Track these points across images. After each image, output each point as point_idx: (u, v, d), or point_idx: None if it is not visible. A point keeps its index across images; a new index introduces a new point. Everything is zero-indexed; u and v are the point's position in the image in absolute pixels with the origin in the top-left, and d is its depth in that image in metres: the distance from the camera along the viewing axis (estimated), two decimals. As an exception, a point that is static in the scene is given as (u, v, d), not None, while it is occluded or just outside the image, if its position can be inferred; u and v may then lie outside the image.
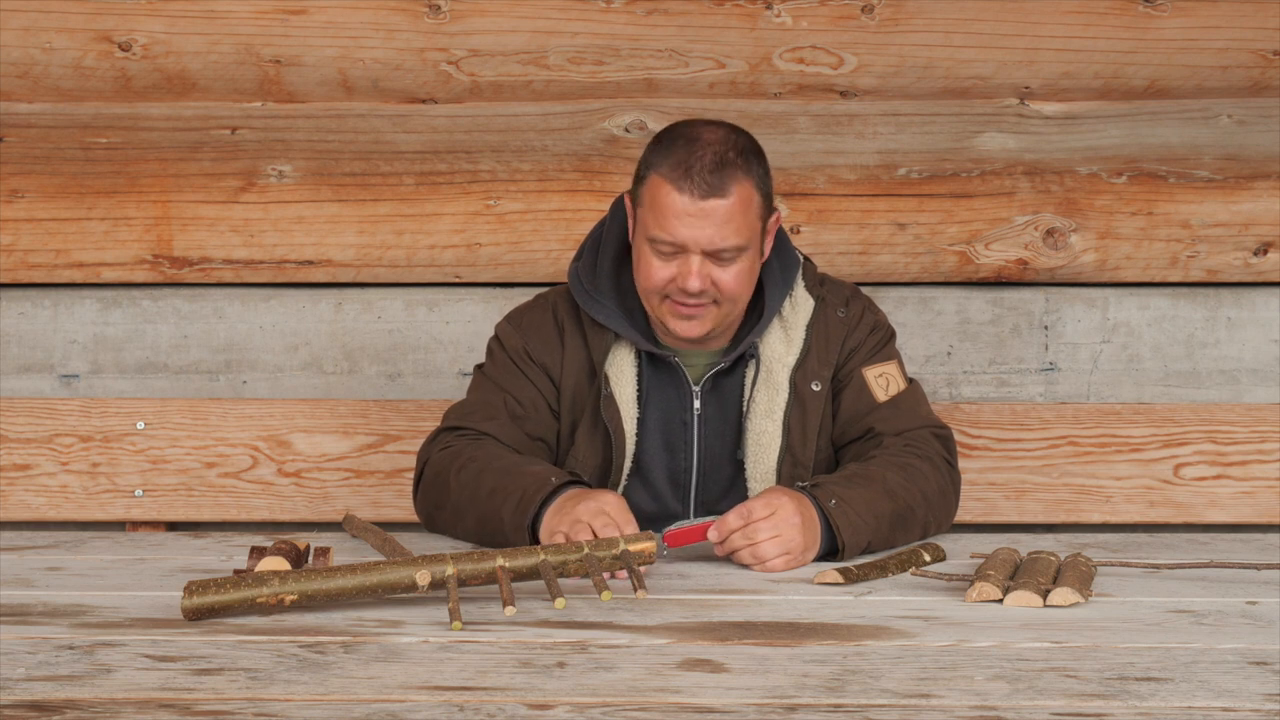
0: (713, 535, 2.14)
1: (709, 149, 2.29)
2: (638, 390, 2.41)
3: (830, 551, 2.20)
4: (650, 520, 2.40)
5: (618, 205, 2.47)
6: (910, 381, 2.48)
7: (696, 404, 2.42)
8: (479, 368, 2.52)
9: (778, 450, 2.39)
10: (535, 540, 2.21)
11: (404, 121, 3.00)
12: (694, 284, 2.29)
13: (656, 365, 2.43)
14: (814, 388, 2.41)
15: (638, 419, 2.41)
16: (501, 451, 2.36)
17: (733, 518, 2.13)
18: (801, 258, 2.50)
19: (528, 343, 2.46)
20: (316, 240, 3.02)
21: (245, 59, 2.97)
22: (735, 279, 2.32)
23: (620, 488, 2.42)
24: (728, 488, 2.44)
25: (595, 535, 2.09)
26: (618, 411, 2.39)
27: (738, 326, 2.43)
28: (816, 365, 2.42)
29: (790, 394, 2.40)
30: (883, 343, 2.48)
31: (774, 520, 2.12)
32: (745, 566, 2.12)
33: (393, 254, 3.03)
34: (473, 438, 2.39)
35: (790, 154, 2.98)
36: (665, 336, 2.43)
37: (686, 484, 2.44)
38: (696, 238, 2.28)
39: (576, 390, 2.43)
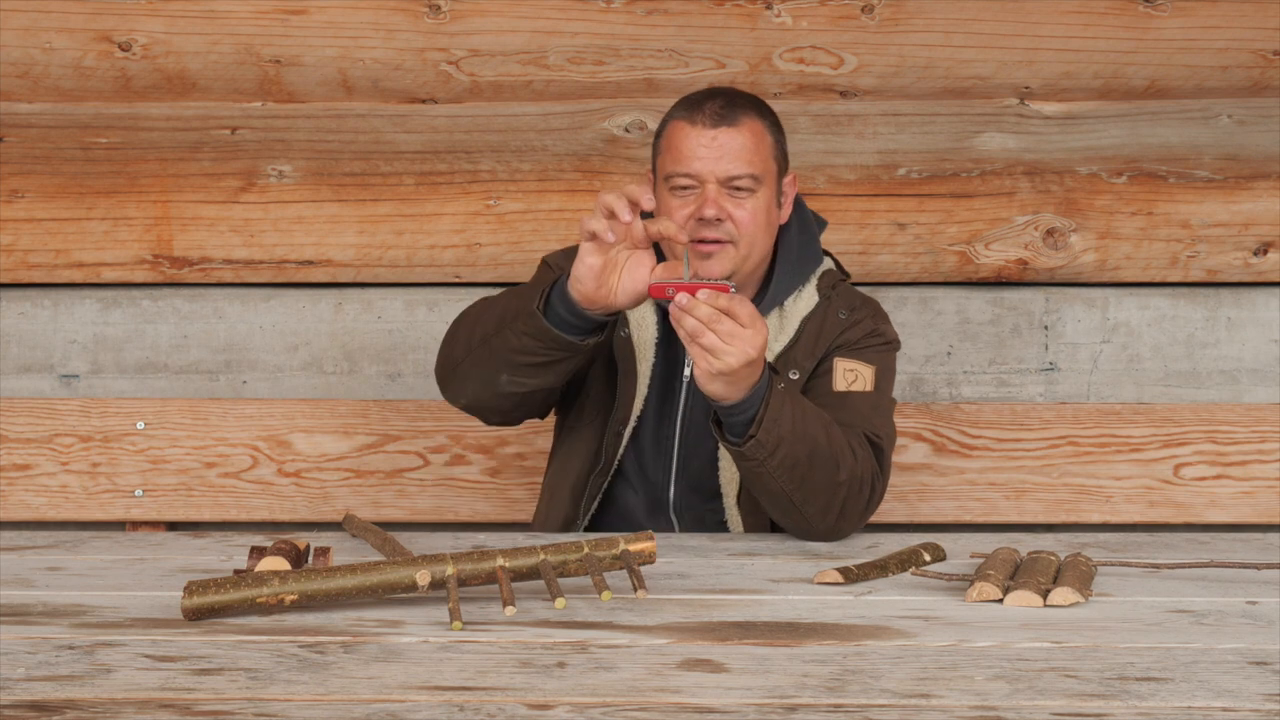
0: (699, 295, 2.13)
1: (721, 94, 2.43)
2: (657, 339, 2.45)
3: (746, 424, 2.20)
4: (637, 483, 2.47)
5: None
6: (880, 392, 2.45)
7: (687, 371, 2.43)
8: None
9: None
10: (547, 307, 2.25)
11: (404, 121, 3.00)
12: (710, 210, 2.34)
13: (669, 327, 2.46)
14: (791, 375, 2.42)
15: (652, 363, 2.45)
16: None
17: (705, 308, 2.12)
18: (830, 263, 2.54)
19: (569, 262, 2.51)
20: (316, 240, 3.02)
21: (245, 59, 2.97)
22: (751, 215, 2.37)
23: (629, 429, 2.44)
24: (706, 462, 2.46)
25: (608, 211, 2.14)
26: (633, 354, 2.44)
27: None
28: (800, 356, 2.44)
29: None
30: (873, 347, 2.47)
31: (736, 331, 2.12)
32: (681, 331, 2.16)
33: (393, 254, 3.03)
34: None
35: (790, 154, 2.98)
36: None
37: (670, 448, 2.46)
38: (711, 168, 2.36)
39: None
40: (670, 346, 2.46)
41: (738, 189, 2.36)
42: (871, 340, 2.47)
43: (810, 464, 2.24)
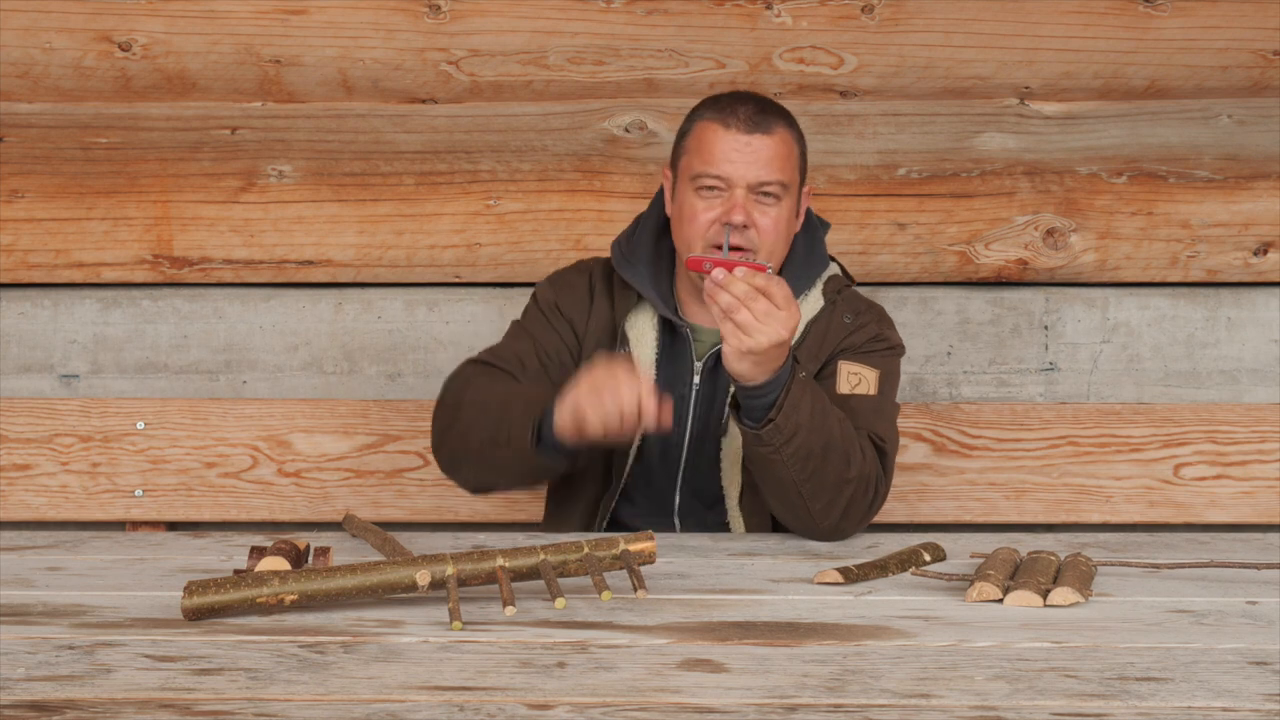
0: (736, 273, 2.16)
1: (751, 99, 2.43)
2: (656, 355, 2.44)
3: (765, 409, 2.21)
4: (640, 497, 2.47)
5: (660, 192, 2.54)
6: (884, 396, 2.45)
7: (696, 380, 2.44)
8: (515, 322, 2.57)
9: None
10: (539, 442, 2.25)
11: (404, 121, 3.00)
12: (738, 216, 2.34)
13: (671, 338, 2.47)
14: None
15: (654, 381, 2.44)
16: (515, 380, 2.43)
17: (741, 285, 2.15)
18: (836, 269, 2.54)
19: (559, 297, 2.53)
20: (316, 240, 3.02)
21: (245, 59, 2.97)
22: (774, 224, 2.37)
23: (634, 449, 2.45)
24: (709, 468, 2.46)
25: (608, 396, 2.14)
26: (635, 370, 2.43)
27: None
28: (804, 359, 2.44)
29: None
30: (877, 352, 2.47)
31: (770, 311, 2.15)
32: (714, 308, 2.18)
33: (393, 254, 3.03)
34: (498, 370, 2.45)
35: (790, 154, 2.98)
36: (686, 308, 2.48)
37: (677, 459, 2.46)
38: (742, 172, 2.36)
39: (598, 349, 2.48)
40: (670, 363, 2.46)
41: (765, 195, 2.37)
42: (876, 345, 2.47)
43: (823, 456, 2.25)
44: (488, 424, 2.33)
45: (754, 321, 2.15)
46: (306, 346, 3.05)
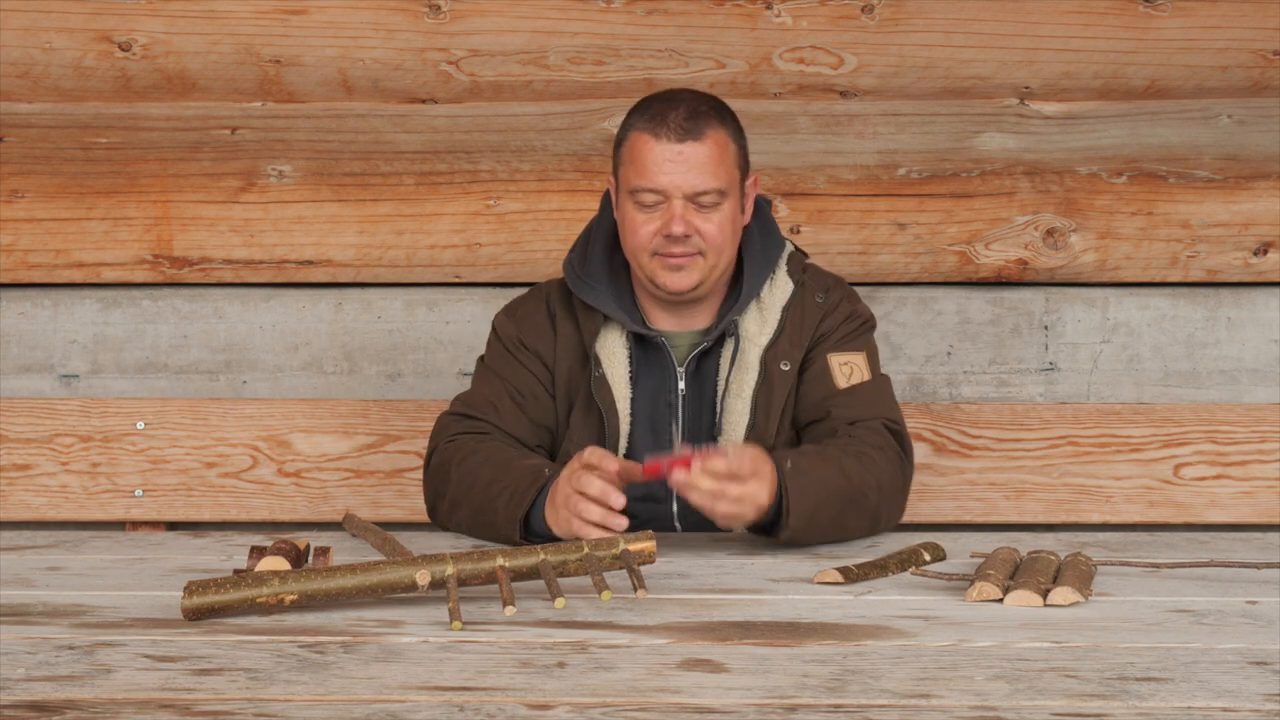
0: (695, 466, 2.14)
1: (682, 103, 2.39)
2: (630, 371, 2.44)
3: (775, 519, 2.21)
4: (636, 504, 2.45)
5: (607, 197, 2.52)
6: (876, 375, 2.48)
7: (681, 385, 2.44)
8: (480, 359, 2.54)
9: (744, 428, 2.41)
10: (527, 534, 2.25)
11: (404, 121, 3.00)
12: (678, 228, 2.34)
13: (644, 348, 2.47)
14: (783, 367, 2.43)
15: (630, 399, 2.43)
16: (501, 447, 2.39)
17: (707, 482, 2.13)
18: (792, 246, 2.53)
19: (521, 331, 2.51)
20: (316, 240, 3.02)
21: (245, 59, 2.97)
22: (719, 228, 2.37)
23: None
24: None
25: (590, 496, 2.12)
26: (610, 391, 2.43)
27: (719, 305, 2.48)
28: (788, 346, 2.45)
29: (760, 373, 2.43)
30: (856, 333, 2.49)
31: (744, 492, 2.14)
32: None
33: (393, 254, 3.03)
34: (478, 433, 2.43)
35: (790, 154, 2.98)
36: (652, 317, 2.47)
37: None
38: (677, 182, 2.35)
39: (570, 374, 2.47)
40: (649, 376, 2.46)
41: (704, 203, 2.36)
42: (851, 325, 2.49)
43: (844, 509, 2.28)
44: (474, 508, 2.33)
45: (732, 507, 2.15)
46: (306, 346, 3.05)
